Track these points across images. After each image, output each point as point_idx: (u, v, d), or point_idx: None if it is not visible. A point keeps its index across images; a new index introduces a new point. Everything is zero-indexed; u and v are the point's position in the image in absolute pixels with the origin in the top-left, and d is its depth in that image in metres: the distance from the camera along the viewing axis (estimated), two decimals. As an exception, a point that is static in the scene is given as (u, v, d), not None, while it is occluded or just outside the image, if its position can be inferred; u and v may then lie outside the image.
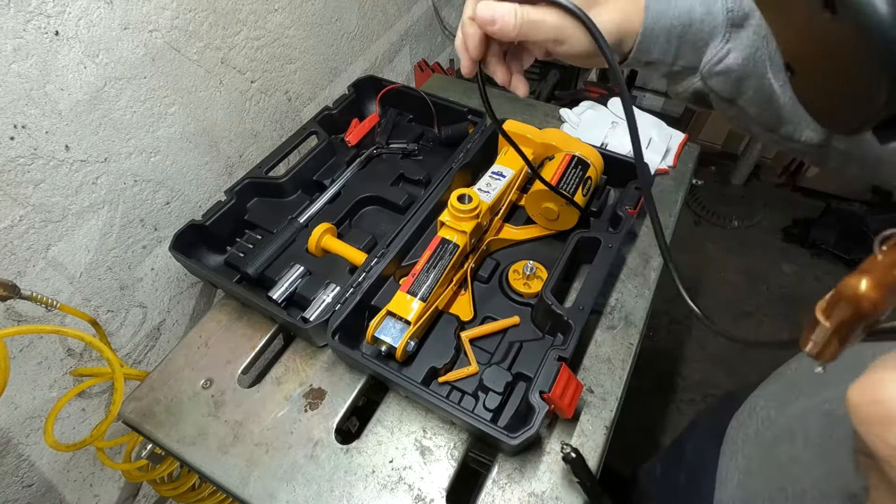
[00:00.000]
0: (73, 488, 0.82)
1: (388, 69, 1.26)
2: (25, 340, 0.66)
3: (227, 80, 0.81)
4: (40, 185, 0.61)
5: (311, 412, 0.64)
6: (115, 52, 0.63)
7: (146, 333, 0.84)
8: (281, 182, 0.82)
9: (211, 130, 0.81)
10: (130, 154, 0.70)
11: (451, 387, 0.64)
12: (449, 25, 1.48)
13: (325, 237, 0.75)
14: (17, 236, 0.61)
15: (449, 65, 1.55)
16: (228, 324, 0.73)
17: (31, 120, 0.58)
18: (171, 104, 0.73)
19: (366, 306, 0.68)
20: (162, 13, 0.67)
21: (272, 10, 0.84)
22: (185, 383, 0.67)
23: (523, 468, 0.59)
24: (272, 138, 0.95)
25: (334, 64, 1.05)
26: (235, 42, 0.80)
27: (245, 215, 0.80)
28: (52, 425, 0.66)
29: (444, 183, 0.78)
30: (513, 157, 0.79)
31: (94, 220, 0.69)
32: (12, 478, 0.71)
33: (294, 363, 0.69)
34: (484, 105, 0.50)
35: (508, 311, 0.70)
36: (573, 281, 0.76)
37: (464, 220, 0.68)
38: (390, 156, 0.90)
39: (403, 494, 0.57)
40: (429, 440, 0.61)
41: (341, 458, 0.60)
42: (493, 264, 0.75)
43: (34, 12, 0.54)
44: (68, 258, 0.68)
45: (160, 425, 0.63)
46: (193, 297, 0.90)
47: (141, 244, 0.77)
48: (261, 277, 0.74)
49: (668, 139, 0.94)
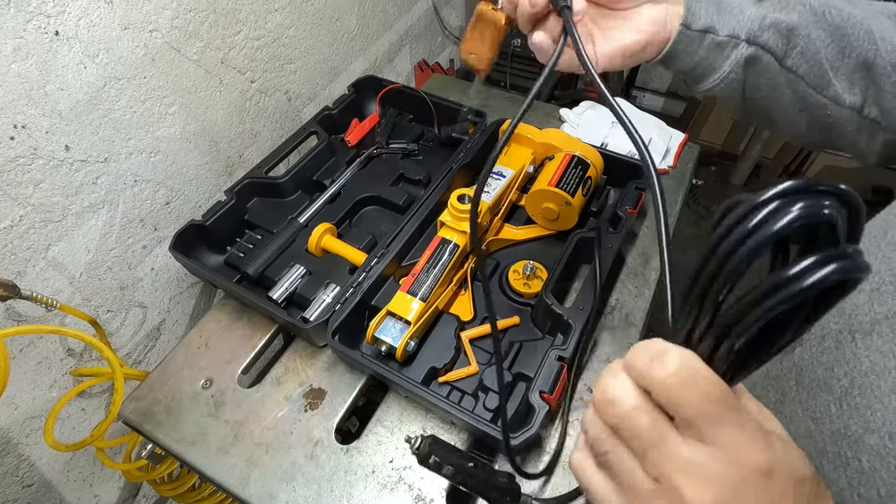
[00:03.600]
0: (73, 488, 0.82)
1: (388, 69, 1.26)
2: (25, 340, 0.66)
3: (227, 80, 0.81)
4: (40, 185, 0.61)
5: (311, 412, 0.64)
6: (115, 52, 0.63)
7: (146, 333, 0.84)
8: (281, 182, 0.82)
9: (211, 130, 0.81)
10: (130, 154, 0.70)
11: (451, 387, 0.64)
12: (449, 25, 1.48)
13: (325, 237, 0.75)
14: (17, 236, 0.61)
15: (449, 65, 1.55)
16: (228, 324, 0.73)
17: (31, 120, 0.58)
18: (171, 104, 0.73)
19: (366, 306, 0.68)
20: (162, 13, 0.67)
21: (272, 10, 0.84)
22: (185, 383, 0.67)
23: (523, 467, 0.59)
24: (272, 138, 0.95)
25: (334, 64, 1.05)
26: (235, 42, 0.80)
27: (245, 215, 0.80)
28: (52, 425, 0.66)
29: (444, 183, 0.78)
30: (513, 157, 0.79)
31: (94, 220, 0.69)
32: (12, 478, 0.71)
33: (294, 363, 0.69)
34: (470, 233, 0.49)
35: (508, 311, 0.70)
36: (573, 281, 0.76)
37: (464, 220, 0.68)
38: (390, 156, 0.90)
39: (403, 494, 0.57)
40: (429, 440, 0.61)
41: (341, 458, 0.60)
42: (493, 264, 0.75)
43: (34, 12, 0.54)
44: (68, 258, 0.68)
45: (160, 425, 0.63)
46: (193, 297, 0.90)
47: (141, 244, 0.77)
48: (261, 277, 0.74)
49: (669, 139, 0.94)
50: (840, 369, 0.32)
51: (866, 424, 0.29)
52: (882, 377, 0.29)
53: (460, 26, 1.56)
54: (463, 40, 0.50)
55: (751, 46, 0.41)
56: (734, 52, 0.41)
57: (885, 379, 0.29)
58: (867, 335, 0.31)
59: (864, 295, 0.32)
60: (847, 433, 0.31)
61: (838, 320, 0.34)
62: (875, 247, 0.34)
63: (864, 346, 0.31)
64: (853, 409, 0.30)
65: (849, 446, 0.30)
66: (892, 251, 0.32)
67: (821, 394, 0.33)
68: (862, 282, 0.18)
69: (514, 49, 1.43)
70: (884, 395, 0.29)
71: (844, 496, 0.30)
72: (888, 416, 0.28)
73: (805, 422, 0.34)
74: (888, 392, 0.29)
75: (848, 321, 0.33)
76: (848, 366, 0.32)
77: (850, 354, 0.32)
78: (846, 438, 0.31)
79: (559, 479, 0.58)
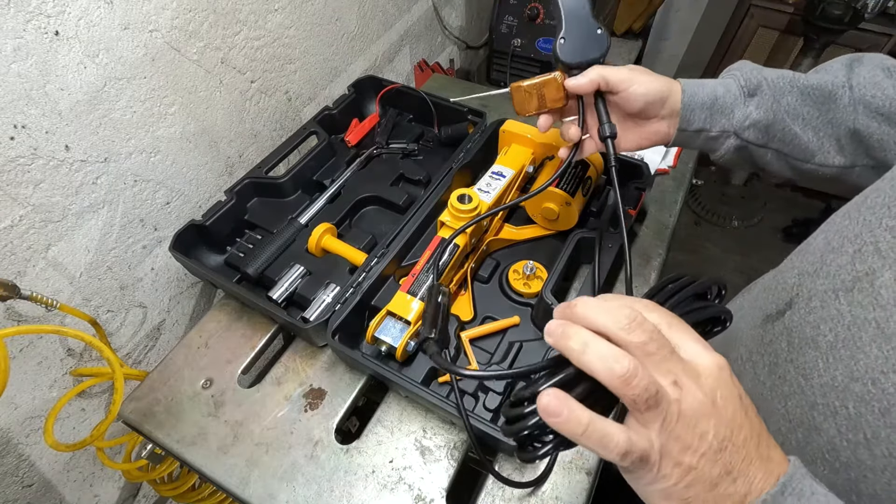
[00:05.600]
0: (73, 488, 0.82)
1: (388, 69, 1.26)
2: (25, 340, 0.66)
3: (227, 80, 0.81)
4: (40, 185, 0.61)
5: (311, 412, 0.64)
6: (115, 52, 0.63)
7: (146, 333, 0.84)
8: (281, 182, 0.82)
9: (211, 130, 0.81)
10: (130, 154, 0.70)
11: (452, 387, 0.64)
12: (449, 25, 1.48)
13: (325, 237, 0.75)
14: (17, 236, 0.61)
15: (449, 65, 1.55)
16: (228, 324, 0.73)
17: (31, 120, 0.58)
18: (171, 104, 0.73)
19: (366, 306, 0.68)
20: (162, 13, 0.67)
21: (272, 10, 0.84)
22: (185, 383, 0.67)
23: (523, 468, 0.59)
24: (272, 138, 0.95)
25: (334, 64, 1.05)
26: (235, 42, 0.80)
27: (245, 215, 0.80)
28: (52, 425, 0.66)
29: (444, 183, 0.78)
30: (513, 157, 0.79)
31: (94, 220, 0.69)
32: (12, 478, 0.71)
33: (294, 363, 0.69)
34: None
35: (508, 311, 0.70)
36: (573, 281, 0.76)
37: (464, 220, 0.68)
38: (390, 156, 0.90)
39: (403, 494, 0.57)
40: (429, 440, 0.61)
41: (341, 458, 0.60)
42: (493, 264, 0.75)
43: (34, 12, 0.54)
44: (68, 258, 0.68)
45: (160, 425, 0.63)
46: (193, 297, 0.90)
47: (141, 244, 0.77)
48: (261, 277, 0.74)
49: (668, 139, 0.94)
50: (825, 326, 0.35)
51: (851, 374, 0.33)
52: (863, 329, 0.32)
53: (460, 26, 1.56)
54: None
55: (738, 139, 0.52)
56: (726, 142, 0.53)
57: (865, 330, 0.32)
58: (849, 292, 0.34)
59: (847, 257, 0.35)
60: (834, 384, 0.34)
61: (824, 282, 0.37)
62: (856, 211, 0.37)
63: (846, 303, 0.34)
64: (839, 360, 0.34)
65: (836, 396, 0.34)
66: (871, 214, 0.35)
67: (809, 351, 0.36)
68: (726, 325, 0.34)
69: (514, 49, 1.43)
70: (865, 344, 0.32)
71: (835, 443, 0.34)
72: (870, 364, 0.31)
73: (797, 379, 0.37)
74: (869, 342, 0.32)
75: (832, 281, 0.36)
76: (833, 322, 0.35)
77: (834, 311, 0.35)
78: (834, 389, 0.34)
79: (559, 478, 0.58)
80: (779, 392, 0.39)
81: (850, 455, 0.33)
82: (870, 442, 0.31)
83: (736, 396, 0.28)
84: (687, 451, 0.27)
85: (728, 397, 0.28)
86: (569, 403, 0.27)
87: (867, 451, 0.32)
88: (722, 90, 0.52)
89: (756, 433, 0.28)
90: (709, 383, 0.28)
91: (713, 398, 0.27)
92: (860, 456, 0.32)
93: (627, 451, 0.27)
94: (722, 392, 0.28)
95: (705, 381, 0.28)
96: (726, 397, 0.28)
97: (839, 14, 1.51)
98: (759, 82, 0.51)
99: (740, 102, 0.51)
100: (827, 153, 0.49)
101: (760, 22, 1.88)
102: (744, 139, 0.52)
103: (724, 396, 0.28)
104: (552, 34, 1.39)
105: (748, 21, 1.89)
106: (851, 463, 0.33)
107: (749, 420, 0.28)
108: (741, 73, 0.52)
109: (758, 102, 0.51)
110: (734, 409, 0.28)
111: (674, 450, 0.27)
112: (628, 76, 0.51)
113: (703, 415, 0.27)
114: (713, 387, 0.28)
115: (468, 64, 1.71)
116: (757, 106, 0.51)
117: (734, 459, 0.27)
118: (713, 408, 0.27)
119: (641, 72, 0.52)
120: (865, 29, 1.64)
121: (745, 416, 0.28)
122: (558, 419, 0.27)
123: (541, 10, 1.35)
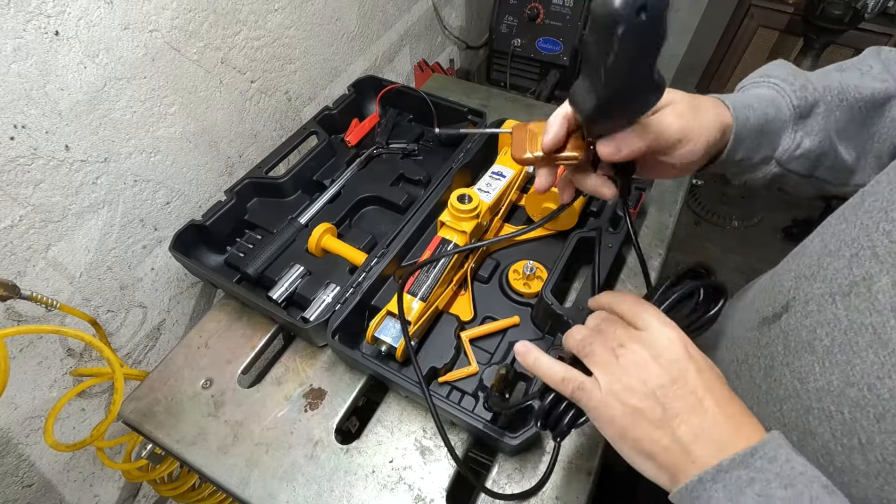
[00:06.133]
0: (73, 488, 0.82)
1: (388, 69, 1.26)
2: (25, 340, 0.66)
3: (227, 80, 0.81)
4: (40, 185, 0.61)
5: (311, 412, 0.64)
6: (115, 52, 0.63)
7: (146, 333, 0.84)
8: (281, 182, 0.82)
9: (211, 130, 0.81)
10: (130, 154, 0.70)
11: (451, 387, 0.64)
12: (449, 25, 1.48)
13: (325, 237, 0.75)
14: (17, 236, 0.61)
15: (449, 65, 1.55)
16: (228, 324, 0.73)
17: (31, 120, 0.58)
18: (171, 104, 0.73)
19: (366, 306, 0.68)
20: (162, 13, 0.67)
21: (272, 10, 0.84)
22: (185, 383, 0.67)
23: (523, 468, 0.59)
24: (272, 138, 0.95)
25: (334, 64, 1.05)
26: (235, 42, 0.80)
27: (245, 215, 0.80)
28: (52, 425, 0.66)
29: (444, 183, 0.78)
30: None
31: (94, 220, 0.69)
32: (12, 478, 0.71)
33: (294, 363, 0.69)
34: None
35: (508, 311, 0.70)
36: (573, 281, 0.76)
37: (464, 220, 0.68)
38: (390, 156, 0.90)
39: (403, 494, 0.57)
40: (429, 440, 0.61)
41: (341, 458, 0.60)
42: (493, 264, 0.75)
43: (34, 12, 0.54)
44: (68, 258, 0.68)
45: (160, 425, 0.63)
46: (193, 297, 0.90)
47: (141, 244, 0.77)
48: (261, 277, 0.74)
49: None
50: (822, 330, 0.35)
51: (847, 378, 0.33)
52: (860, 333, 0.32)
53: (460, 26, 1.56)
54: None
55: (780, 167, 0.45)
56: (763, 170, 0.45)
57: (862, 335, 0.32)
58: (846, 296, 0.34)
59: (844, 261, 0.35)
60: (830, 388, 0.34)
61: (821, 286, 0.36)
62: (853, 215, 0.36)
63: (843, 307, 0.34)
64: (835, 365, 0.34)
65: (832, 401, 0.34)
66: (868, 218, 0.34)
67: (805, 355, 0.36)
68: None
69: (514, 49, 1.43)
70: (861, 349, 0.32)
71: (829, 448, 0.34)
72: (866, 369, 0.31)
73: (792, 383, 0.37)
74: (865, 347, 0.31)
75: (829, 285, 0.35)
76: (829, 326, 0.34)
77: (831, 316, 0.35)
78: (829, 394, 0.34)
79: (559, 479, 0.58)
80: (774, 395, 0.39)
81: (845, 460, 0.33)
82: (864, 447, 0.31)
83: (684, 358, 0.33)
84: (627, 391, 0.33)
85: (674, 359, 0.33)
86: (528, 345, 0.41)
87: (861, 456, 0.32)
88: (773, 111, 0.42)
89: (711, 393, 0.32)
90: (657, 347, 0.34)
91: (656, 356, 0.33)
92: (854, 461, 0.32)
93: (564, 377, 0.36)
94: (668, 355, 0.33)
95: (655, 345, 0.34)
96: (672, 359, 0.33)
97: (839, 14, 1.51)
98: (815, 101, 0.42)
99: (789, 126, 0.43)
100: (864, 171, 0.44)
101: (760, 22, 1.88)
102: (788, 169, 0.44)
103: (670, 359, 0.33)
104: (552, 34, 1.39)
105: (748, 21, 1.89)
106: (845, 468, 0.33)
107: (702, 380, 0.32)
108: (790, 88, 0.42)
109: (810, 128, 0.43)
110: (680, 368, 0.33)
111: (616, 387, 0.33)
112: (680, 134, 0.39)
113: (642, 367, 0.33)
114: (661, 350, 0.33)
115: (468, 64, 1.71)
116: (809, 132, 0.43)
117: (676, 406, 0.32)
118: (655, 362, 0.33)
119: (690, 115, 0.39)
120: (865, 29, 1.64)
121: (698, 375, 0.33)
122: (524, 356, 0.40)
123: (541, 10, 1.35)
